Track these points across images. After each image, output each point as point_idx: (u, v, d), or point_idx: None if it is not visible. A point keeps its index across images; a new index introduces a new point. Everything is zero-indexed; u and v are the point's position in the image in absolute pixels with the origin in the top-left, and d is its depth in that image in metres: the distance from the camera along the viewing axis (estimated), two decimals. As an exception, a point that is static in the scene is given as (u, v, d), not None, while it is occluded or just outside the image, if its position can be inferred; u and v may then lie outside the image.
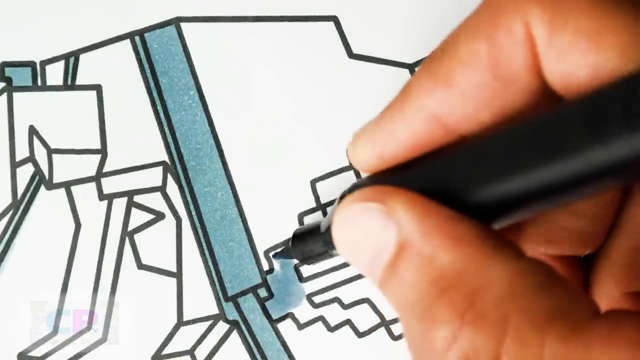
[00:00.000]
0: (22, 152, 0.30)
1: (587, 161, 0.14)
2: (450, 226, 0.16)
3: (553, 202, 0.17)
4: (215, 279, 0.30)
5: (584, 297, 0.15)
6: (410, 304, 0.16)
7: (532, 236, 0.23)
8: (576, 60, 0.15)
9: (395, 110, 0.19)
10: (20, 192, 0.30)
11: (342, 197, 0.19)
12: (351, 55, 0.31)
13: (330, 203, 0.30)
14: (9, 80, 0.30)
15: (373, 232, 0.17)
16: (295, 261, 0.30)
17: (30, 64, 0.30)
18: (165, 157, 0.30)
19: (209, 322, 0.30)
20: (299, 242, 0.27)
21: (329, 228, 0.20)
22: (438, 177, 0.18)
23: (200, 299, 0.30)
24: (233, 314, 0.30)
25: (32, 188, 0.30)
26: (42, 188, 0.30)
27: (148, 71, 0.30)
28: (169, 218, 0.30)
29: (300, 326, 0.30)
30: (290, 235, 0.28)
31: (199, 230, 0.30)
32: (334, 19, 0.31)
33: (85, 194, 0.30)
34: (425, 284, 0.16)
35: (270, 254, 0.30)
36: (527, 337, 0.14)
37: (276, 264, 0.30)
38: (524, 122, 0.16)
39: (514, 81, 0.17)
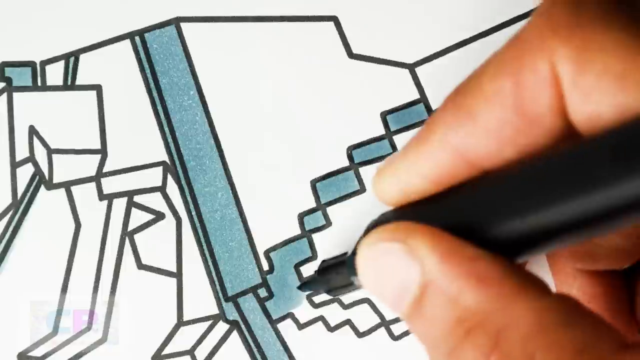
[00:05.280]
0: (22, 152, 0.30)
1: (613, 195, 0.14)
2: (474, 265, 0.16)
3: (579, 237, 0.17)
4: (215, 279, 0.30)
5: (610, 330, 0.15)
6: (436, 341, 0.17)
7: (570, 253, 0.23)
8: (602, 100, 0.15)
9: (419, 144, 0.19)
10: (20, 192, 0.30)
11: (367, 230, 0.20)
12: (351, 55, 0.31)
13: (331, 203, 0.30)
14: (9, 80, 0.30)
15: (397, 271, 0.18)
16: (296, 261, 0.30)
17: (30, 64, 0.30)
18: (165, 157, 0.30)
19: (209, 322, 0.30)
20: (325, 273, 0.27)
21: (353, 260, 0.20)
22: (461, 212, 0.18)
23: (200, 299, 0.30)
24: (233, 314, 0.30)
25: (32, 188, 0.30)
26: (42, 188, 0.30)
27: (148, 71, 0.30)
28: (169, 218, 0.30)
29: (300, 326, 0.30)
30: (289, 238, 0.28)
31: (199, 230, 0.30)
32: (334, 19, 0.31)
33: (85, 194, 0.30)
34: (450, 323, 0.16)
35: (296, 286, 0.30)
36: None
37: (278, 267, 0.30)
38: (548, 157, 0.16)
39: (538, 119, 0.17)
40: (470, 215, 0.17)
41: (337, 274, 0.26)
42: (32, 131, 0.30)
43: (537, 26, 0.16)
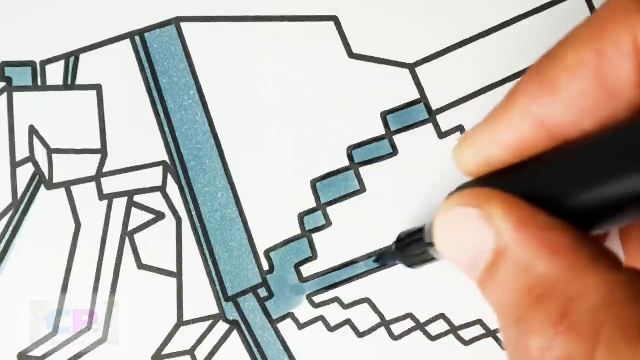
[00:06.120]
0: (22, 152, 0.30)
1: None
2: (548, 235, 0.16)
3: None
4: (215, 279, 0.30)
5: None
6: (506, 308, 0.17)
7: (638, 237, 0.23)
8: None
9: (500, 114, 0.19)
10: (20, 192, 0.30)
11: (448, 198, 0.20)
12: (351, 55, 0.31)
13: (331, 203, 0.30)
14: (9, 80, 0.30)
15: (472, 236, 0.18)
16: (296, 261, 0.30)
17: (30, 64, 0.30)
18: (165, 157, 0.30)
19: (209, 322, 0.30)
20: (402, 245, 0.27)
21: (431, 228, 0.20)
22: (539, 181, 0.18)
23: (200, 299, 0.30)
24: (233, 314, 0.30)
25: (32, 188, 0.30)
26: (42, 188, 0.30)
27: (148, 71, 0.30)
28: (169, 218, 0.30)
29: (300, 326, 0.30)
30: (289, 235, 0.28)
31: (199, 230, 0.30)
32: (334, 19, 0.31)
33: (85, 194, 0.30)
34: (521, 291, 0.16)
35: (372, 259, 0.30)
36: (620, 347, 0.15)
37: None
38: (626, 129, 0.16)
39: (618, 92, 0.17)
40: (547, 185, 0.17)
41: (414, 244, 0.26)
42: (32, 131, 0.30)
43: (621, 0, 0.17)
